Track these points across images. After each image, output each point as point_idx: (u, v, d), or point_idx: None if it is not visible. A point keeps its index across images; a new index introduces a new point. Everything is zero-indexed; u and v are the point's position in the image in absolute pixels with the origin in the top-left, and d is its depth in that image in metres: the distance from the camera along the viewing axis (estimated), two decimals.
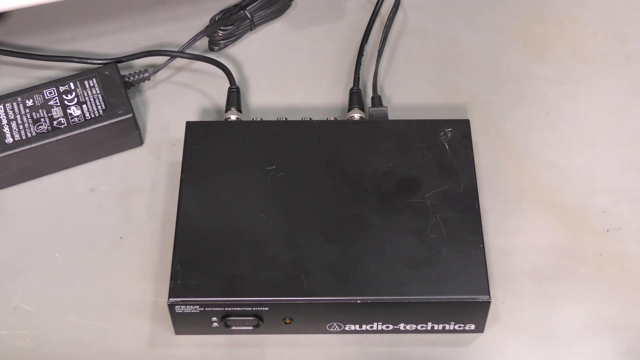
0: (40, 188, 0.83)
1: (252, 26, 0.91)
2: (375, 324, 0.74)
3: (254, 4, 0.91)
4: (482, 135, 0.85)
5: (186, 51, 0.89)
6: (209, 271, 0.73)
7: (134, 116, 0.83)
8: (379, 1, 0.92)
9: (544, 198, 0.82)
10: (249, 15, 0.91)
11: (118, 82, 0.84)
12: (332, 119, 0.83)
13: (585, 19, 0.93)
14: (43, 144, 0.81)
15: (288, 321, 0.74)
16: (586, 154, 0.84)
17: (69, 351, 0.75)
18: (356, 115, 0.84)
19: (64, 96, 0.84)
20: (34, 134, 0.81)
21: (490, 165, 0.83)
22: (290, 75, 0.90)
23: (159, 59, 0.90)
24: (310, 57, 0.91)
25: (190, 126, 0.81)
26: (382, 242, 0.74)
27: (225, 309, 0.72)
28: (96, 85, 0.84)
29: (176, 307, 0.72)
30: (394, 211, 0.76)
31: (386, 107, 0.85)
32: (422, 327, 0.74)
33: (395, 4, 0.92)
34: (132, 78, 0.86)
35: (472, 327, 0.75)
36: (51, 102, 0.83)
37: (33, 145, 0.81)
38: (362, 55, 0.89)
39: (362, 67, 0.89)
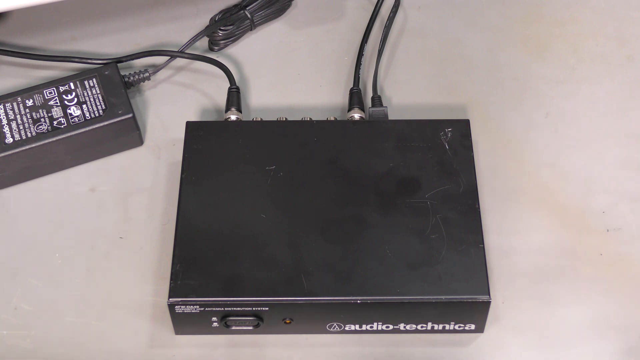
0: (40, 188, 0.83)
1: (252, 26, 0.91)
2: (375, 324, 0.74)
3: (254, 4, 0.91)
4: (482, 135, 0.85)
5: (186, 51, 0.89)
6: (209, 271, 0.73)
7: (134, 116, 0.83)
8: (379, 1, 0.92)
9: (544, 198, 0.82)
10: (249, 15, 0.91)
11: (118, 82, 0.84)
12: (332, 119, 0.83)
13: (585, 19, 0.93)
14: (43, 144, 0.81)
15: (288, 321, 0.74)
16: (586, 154, 0.84)
17: (69, 351, 0.75)
18: (356, 115, 0.84)
19: (64, 96, 0.84)
20: (34, 134, 0.81)
21: (490, 165, 0.83)
22: (290, 75, 0.90)
23: (159, 59, 0.90)
24: (310, 57, 0.91)
25: (190, 126, 0.81)
26: (382, 242, 0.74)
27: (225, 309, 0.72)
28: (96, 85, 0.84)
29: (176, 307, 0.72)
30: (394, 211, 0.76)
31: (386, 107, 0.85)
32: (422, 327, 0.74)
33: (395, 4, 0.92)
34: (132, 78, 0.86)
35: (472, 327, 0.75)
36: (51, 102, 0.83)
37: (33, 145, 0.81)
38: (362, 55, 0.89)
39: (362, 67, 0.89)
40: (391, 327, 0.74)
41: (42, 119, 0.82)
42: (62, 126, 0.82)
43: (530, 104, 0.87)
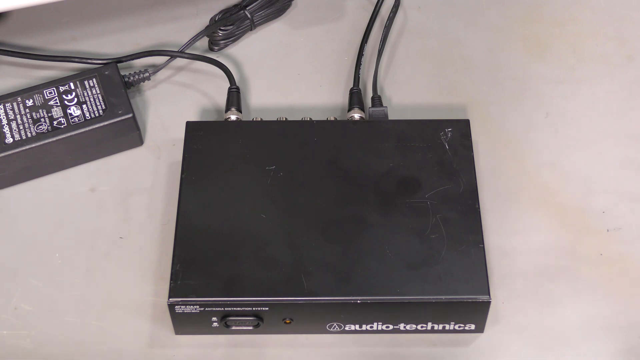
0: (40, 188, 0.83)
1: (252, 26, 0.91)
2: (375, 324, 0.74)
3: (254, 4, 0.91)
4: (482, 135, 0.85)
5: (186, 51, 0.89)
6: (209, 271, 0.73)
7: (134, 116, 0.83)
8: (379, 1, 0.92)
9: (544, 198, 0.82)
10: (249, 15, 0.91)
11: (118, 82, 0.84)
12: (332, 119, 0.83)
13: (585, 19, 0.93)
14: (43, 144, 0.81)
15: (288, 321, 0.74)
16: (586, 154, 0.84)
17: (69, 351, 0.75)
18: (356, 115, 0.84)
19: (64, 96, 0.84)
20: (34, 134, 0.81)
21: (490, 165, 0.83)
22: (290, 75, 0.90)
23: (159, 59, 0.90)
24: (310, 57, 0.91)
25: (190, 126, 0.81)
26: (382, 242, 0.74)
27: (225, 309, 0.72)
28: (96, 85, 0.84)
29: (176, 307, 0.72)
30: (394, 211, 0.76)
31: (386, 107, 0.85)
32: (422, 327, 0.74)
33: (395, 4, 0.92)
34: (132, 78, 0.86)
35: (472, 327, 0.75)
36: (51, 102, 0.83)
37: (33, 145, 0.81)
38: (362, 55, 0.89)
39: (362, 67, 0.89)
40: (391, 327, 0.74)
41: (42, 119, 0.82)
42: (62, 126, 0.82)
43: (530, 104, 0.87)
